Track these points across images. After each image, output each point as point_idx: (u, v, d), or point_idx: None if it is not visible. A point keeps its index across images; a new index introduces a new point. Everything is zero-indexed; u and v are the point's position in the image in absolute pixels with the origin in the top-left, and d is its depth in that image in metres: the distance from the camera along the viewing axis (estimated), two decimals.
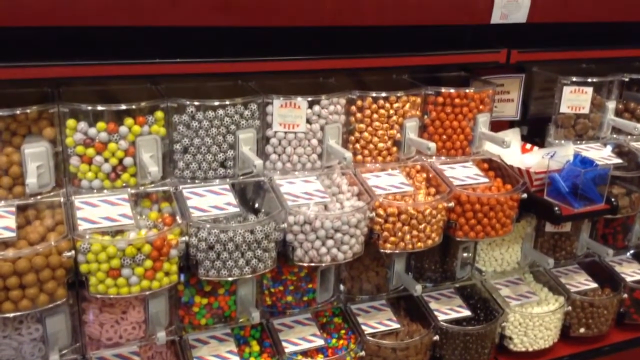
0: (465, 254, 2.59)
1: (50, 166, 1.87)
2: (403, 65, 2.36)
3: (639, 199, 2.59)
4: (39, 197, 1.87)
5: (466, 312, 2.54)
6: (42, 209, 1.88)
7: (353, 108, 2.23)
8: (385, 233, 2.13)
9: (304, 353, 2.25)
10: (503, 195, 2.27)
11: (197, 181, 2.04)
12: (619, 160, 2.59)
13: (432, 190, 2.29)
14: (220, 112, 2.00)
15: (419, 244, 2.17)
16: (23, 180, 1.83)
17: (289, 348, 2.24)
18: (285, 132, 2.11)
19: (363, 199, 2.14)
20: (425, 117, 2.37)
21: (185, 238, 1.88)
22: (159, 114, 1.95)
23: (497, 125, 2.63)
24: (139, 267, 1.79)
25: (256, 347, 2.28)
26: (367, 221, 2.09)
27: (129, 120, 1.89)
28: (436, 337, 2.43)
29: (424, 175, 2.35)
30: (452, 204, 2.22)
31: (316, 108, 2.12)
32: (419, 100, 2.32)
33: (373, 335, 2.35)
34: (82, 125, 1.87)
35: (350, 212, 2.03)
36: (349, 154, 2.08)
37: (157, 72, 1.95)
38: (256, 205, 2.13)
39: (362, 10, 2.15)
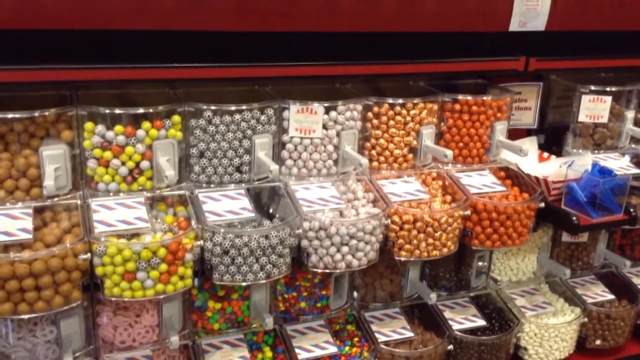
0: (480, 263, 2.57)
1: (67, 168, 1.88)
2: (420, 72, 2.34)
3: None
4: (56, 199, 1.88)
5: (481, 322, 2.52)
6: (59, 211, 1.89)
7: (369, 114, 2.23)
8: (401, 240, 2.12)
9: None
10: (520, 204, 2.25)
11: (212, 185, 2.04)
12: (637, 170, 2.56)
13: (448, 198, 2.28)
14: (237, 116, 2.00)
15: (435, 252, 2.15)
16: (40, 182, 1.84)
17: (301, 355, 2.23)
18: (301, 138, 2.11)
19: (378, 205, 2.13)
20: (442, 124, 2.36)
21: (200, 242, 1.88)
22: (176, 118, 1.95)
23: (514, 134, 2.61)
24: (154, 270, 1.79)
25: (269, 353, 2.27)
26: (382, 228, 2.08)
27: (146, 124, 1.90)
28: (450, 347, 2.41)
29: (440, 182, 2.33)
30: (468, 212, 2.20)
31: (332, 114, 2.11)
32: (435, 107, 2.31)
33: (387, 343, 2.33)
34: (100, 128, 1.87)
35: (365, 219, 2.02)
36: (365, 161, 2.07)
37: (174, 77, 1.95)
38: (271, 211, 2.13)
39: (379, 16, 2.15)
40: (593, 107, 2.58)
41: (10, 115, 1.79)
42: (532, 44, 2.46)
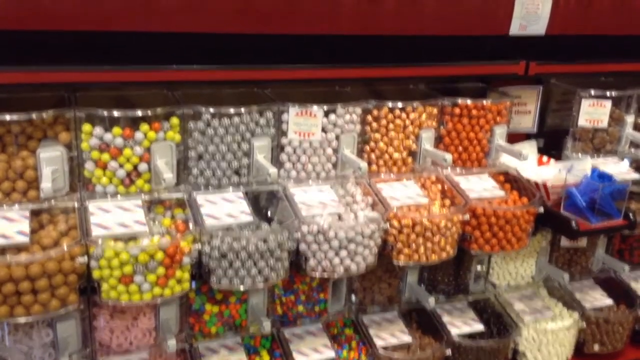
0: (479, 267, 2.56)
1: (65, 171, 1.87)
2: (420, 75, 2.34)
3: None
4: (53, 201, 1.87)
5: (479, 326, 2.51)
6: (56, 214, 1.88)
7: (369, 118, 2.22)
8: (399, 244, 2.11)
9: None
10: (519, 208, 2.24)
11: (210, 188, 2.03)
12: (636, 175, 2.56)
13: (447, 202, 2.27)
14: (236, 119, 1.99)
15: (433, 256, 2.15)
16: (37, 185, 1.83)
17: (299, 358, 2.22)
18: (301, 141, 2.10)
19: (377, 209, 2.12)
20: (442, 127, 2.35)
21: (198, 245, 1.87)
22: (175, 121, 1.94)
23: (513, 138, 2.60)
24: (151, 274, 1.78)
25: (266, 357, 2.26)
26: (381, 232, 2.07)
27: (144, 126, 1.89)
28: (448, 351, 2.39)
29: (439, 186, 2.33)
30: (467, 217, 2.19)
31: (332, 117, 2.11)
32: (435, 110, 2.30)
33: (385, 347, 2.32)
34: (98, 130, 1.86)
35: (364, 223, 2.01)
36: (364, 164, 2.06)
37: (173, 79, 1.94)
38: (269, 214, 2.12)
39: (379, 19, 2.14)
40: (593, 112, 2.58)
41: (7, 117, 1.78)
42: (532, 47, 2.46)
